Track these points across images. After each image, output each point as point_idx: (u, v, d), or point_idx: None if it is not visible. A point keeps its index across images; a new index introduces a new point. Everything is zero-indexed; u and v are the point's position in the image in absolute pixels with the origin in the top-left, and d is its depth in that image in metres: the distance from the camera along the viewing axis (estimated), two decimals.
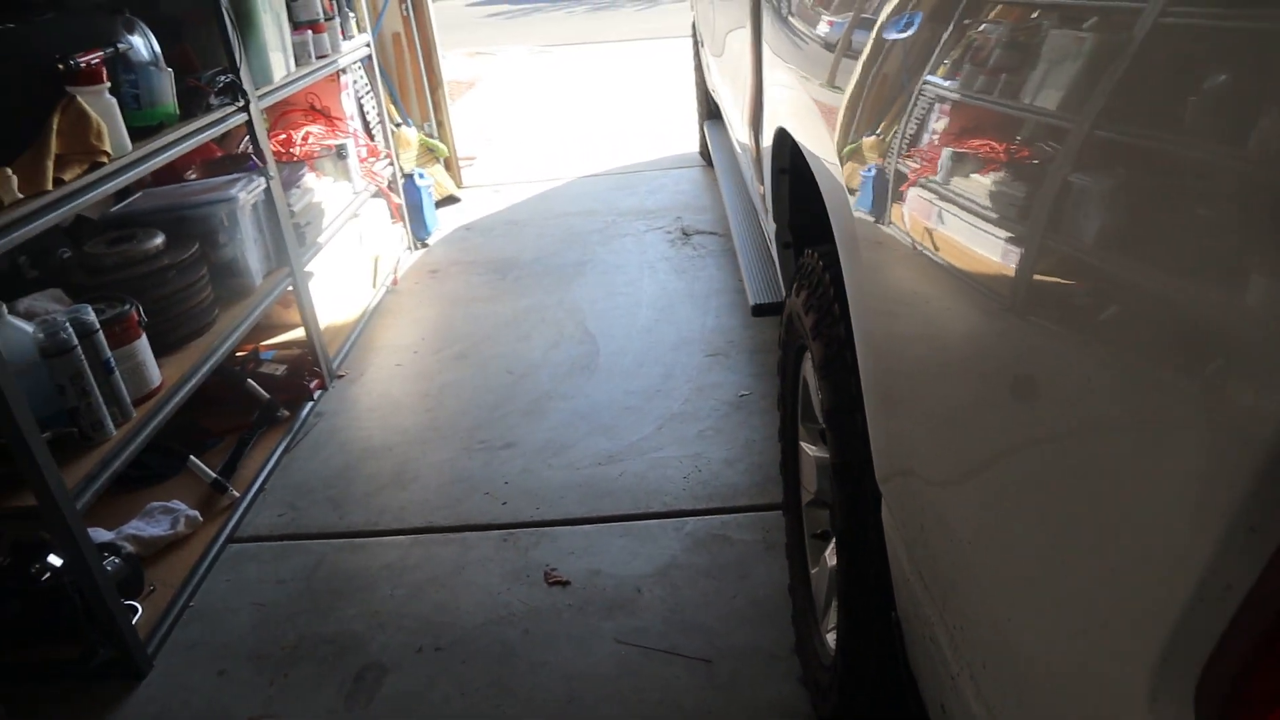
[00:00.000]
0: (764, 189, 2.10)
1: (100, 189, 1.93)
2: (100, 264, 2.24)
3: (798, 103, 1.50)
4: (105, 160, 1.94)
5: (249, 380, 2.78)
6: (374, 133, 3.94)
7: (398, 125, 4.32)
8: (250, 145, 2.71)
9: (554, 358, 3.09)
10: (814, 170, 1.36)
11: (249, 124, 2.61)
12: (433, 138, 4.71)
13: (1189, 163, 0.54)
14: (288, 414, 2.80)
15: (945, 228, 0.85)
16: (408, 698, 1.82)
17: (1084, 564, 0.62)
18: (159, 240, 2.31)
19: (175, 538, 2.24)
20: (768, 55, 1.85)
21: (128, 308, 2.03)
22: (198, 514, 2.31)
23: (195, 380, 2.23)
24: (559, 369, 3.01)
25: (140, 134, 2.14)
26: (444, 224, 4.50)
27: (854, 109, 1.14)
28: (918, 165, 0.93)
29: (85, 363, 1.84)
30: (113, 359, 1.93)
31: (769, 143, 1.85)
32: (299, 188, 3.03)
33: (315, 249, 3.05)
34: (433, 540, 2.26)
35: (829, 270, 1.35)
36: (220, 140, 3.00)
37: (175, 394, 2.14)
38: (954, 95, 0.88)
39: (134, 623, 1.94)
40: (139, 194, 2.70)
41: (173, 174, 2.87)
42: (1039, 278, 0.67)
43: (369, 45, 3.83)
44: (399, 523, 2.34)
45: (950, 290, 0.84)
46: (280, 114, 3.63)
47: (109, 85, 2.02)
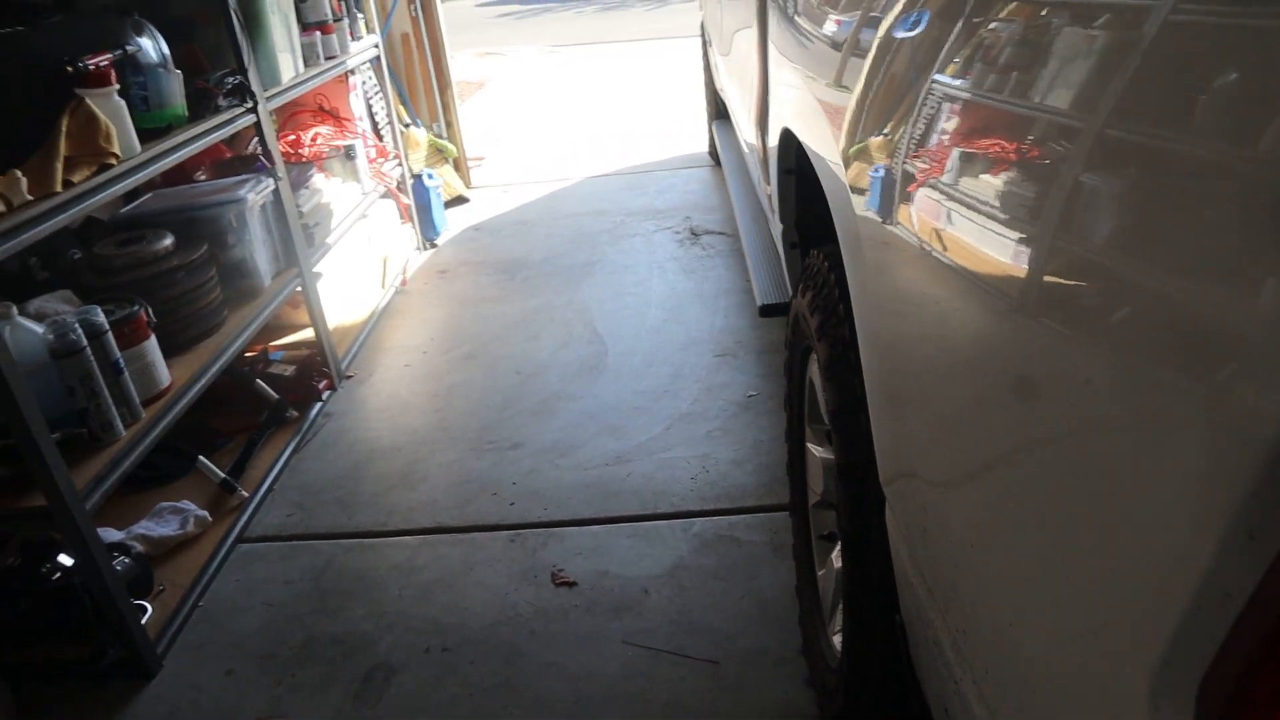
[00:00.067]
0: (770, 189, 2.10)
1: (109, 191, 1.94)
2: (110, 265, 2.25)
3: (801, 102, 1.49)
4: (114, 162, 1.95)
5: (258, 381, 2.79)
6: (383, 133, 3.94)
7: (406, 126, 4.33)
8: (259, 146, 2.72)
9: (562, 358, 3.09)
10: (817, 170, 1.36)
11: (257, 125, 2.62)
12: (442, 138, 4.72)
13: (1201, 163, 0.53)
14: (296, 414, 2.80)
15: (949, 228, 0.85)
16: (415, 698, 1.82)
17: (1085, 568, 0.62)
18: (168, 241, 2.32)
19: (185, 538, 2.25)
20: (773, 54, 1.85)
21: (137, 309, 2.04)
22: (207, 514, 2.32)
23: (204, 381, 2.24)
24: (567, 369, 3.01)
25: (149, 135, 2.15)
26: (453, 224, 4.51)
27: (856, 109, 1.14)
28: (920, 165, 0.92)
29: (95, 364, 1.85)
30: (122, 360, 1.94)
31: (775, 143, 1.84)
32: (308, 188, 3.04)
33: (324, 250, 3.05)
34: (441, 541, 2.26)
35: (834, 271, 1.34)
36: (229, 141, 3.01)
37: (184, 394, 2.15)
38: (958, 94, 0.87)
39: (143, 622, 1.95)
40: (148, 195, 2.71)
41: (182, 175, 2.88)
42: (1043, 279, 0.67)
43: (378, 46, 3.84)
44: (407, 523, 2.34)
45: (954, 291, 0.84)
46: (289, 115, 3.64)
47: (118, 87, 2.04)
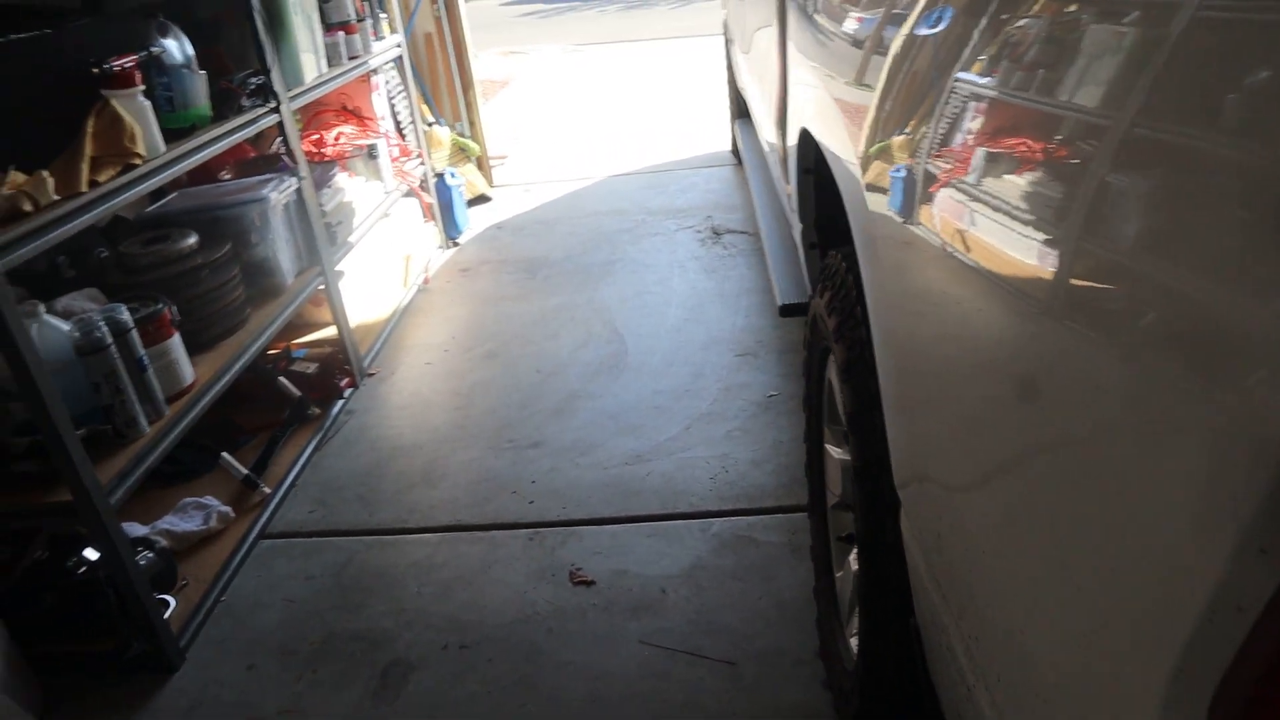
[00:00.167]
0: (790, 189, 2.09)
1: (134, 190, 1.96)
2: (135, 263, 2.27)
3: (818, 102, 1.48)
4: (139, 162, 1.97)
5: (281, 378, 2.81)
6: (405, 132, 3.96)
7: (430, 125, 4.35)
8: (282, 146, 2.75)
9: (583, 357, 3.09)
10: (833, 170, 1.35)
11: (280, 125, 2.64)
12: (464, 137, 4.73)
13: (1232, 163, 0.52)
14: (319, 412, 2.83)
15: (966, 229, 0.84)
16: (433, 695, 1.83)
17: (1097, 576, 0.61)
18: (193, 240, 2.34)
19: (208, 533, 2.28)
20: (792, 53, 1.84)
21: (161, 307, 2.06)
22: (230, 510, 2.35)
23: (227, 378, 2.26)
24: (588, 368, 3.01)
25: (173, 135, 2.18)
26: (475, 223, 4.53)
27: (872, 108, 1.13)
28: (938, 166, 0.91)
29: (119, 361, 1.88)
30: (146, 357, 1.97)
31: (794, 142, 1.83)
32: (330, 187, 3.06)
33: (346, 248, 3.07)
34: (460, 538, 2.27)
35: (852, 272, 1.34)
36: (254, 141, 3.04)
37: (207, 392, 2.17)
38: (979, 93, 0.86)
39: (166, 617, 1.98)
40: (174, 194, 2.74)
41: (207, 174, 2.91)
42: (1062, 282, 0.66)
43: (401, 46, 3.86)
44: (427, 521, 2.35)
45: (970, 294, 0.83)
46: (313, 114, 3.66)
47: (143, 88, 2.06)
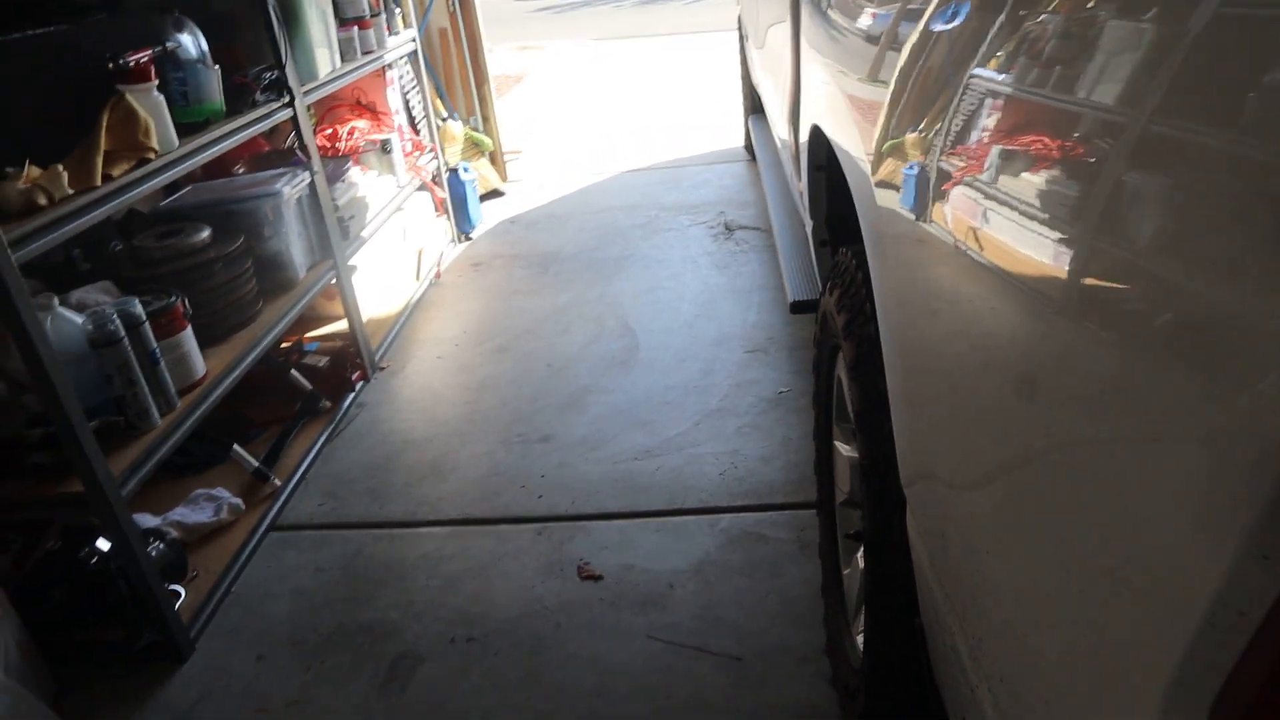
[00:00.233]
0: (802, 185, 2.08)
1: (147, 184, 1.97)
2: (149, 257, 2.29)
3: (830, 98, 1.48)
4: (153, 156, 1.98)
5: (292, 371, 2.82)
6: (419, 127, 3.97)
7: (443, 119, 4.36)
8: (296, 140, 2.76)
9: (594, 352, 3.09)
10: (843, 166, 1.34)
11: (294, 119, 2.65)
12: (478, 132, 4.74)
13: (1253, 163, 0.50)
14: (330, 405, 2.84)
15: (974, 227, 0.83)
16: (440, 687, 1.83)
17: (1100, 580, 0.61)
18: (205, 234, 2.35)
19: (218, 525, 2.29)
20: (805, 50, 1.83)
21: (174, 300, 2.07)
22: (240, 502, 2.36)
23: (239, 371, 2.27)
24: (598, 363, 3.01)
25: (187, 130, 2.19)
26: (488, 217, 4.53)
27: (882, 106, 1.12)
28: (945, 164, 0.91)
29: (132, 353, 1.89)
30: (158, 350, 1.98)
31: (806, 139, 1.83)
32: (343, 182, 3.07)
33: (359, 242, 3.08)
34: (469, 532, 2.28)
35: (861, 269, 1.33)
36: (268, 135, 3.05)
37: (219, 384, 2.18)
38: (993, 90, 0.85)
39: (177, 607, 1.99)
40: (188, 188, 2.75)
41: (221, 168, 2.92)
42: (1072, 281, 0.65)
43: (415, 40, 3.86)
44: (437, 514, 2.36)
45: (978, 292, 0.83)
46: (327, 109, 3.68)
47: (157, 83, 2.07)
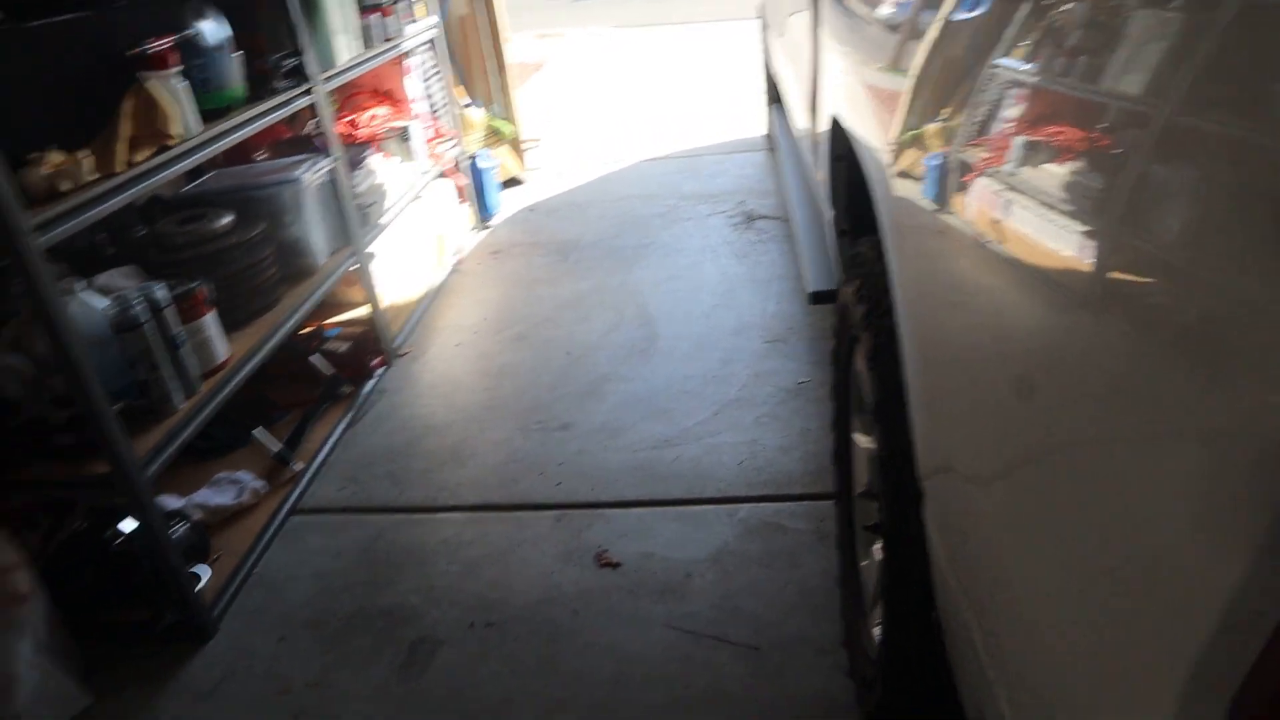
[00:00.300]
0: (821, 175, 2.07)
1: (169, 170, 1.98)
2: (172, 242, 2.31)
3: (848, 89, 1.47)
4: (174, 142, 2.00)
5: (313, 357, 2.84)
6: (439, 114, 3.97)
7: (463, 107, 4.36)
8: (316, 127, 2.77)
9: (613, 340, 3.09)
10: (861, 157, 1.33)
11: (315, 106, 2.66)
12: (498, 119, 4.74)
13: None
14: (350, 390, 2.86)
15: (995, 219, 0.82)
16: (458, 672, 1.85)
17: (1117, 577, 0.60)
18: (227, 220, 2.37)
19: (240, 507, 2.31)
20: (824, 39, 1.82)
21: (196, 285, 2.09)
22: (262, 485, 2.38)
23: (260, 356, 2.29)
24: (617, 351, 3.02)
25: (209, 116, 2.20)
26: (507, 205, 4.54)
27: (900, 96, 1.11)
28: (965, 155, 0.90)
29: (155, 338, 1.91)
30: (181, 334, 2.00)
31: (825, 129, 1.81)
32: (364, 169, 3.08)
33: (379, 229, 3.10)
34: (488, 518, 2.29)
35: (881, 260, 1.32)
36: (289, 122, 3.07)
37: (241, 369, 2.20)
38: (1016, 80, 0.84)
39: (199, 588, 2.02)
40: (210, 174, 2.77)
41: (243, 154, 2.94)
42: (1095, 276, 0.64)
43: (436, 28, 3.86)
44: (456, 500, 2.37)
45: (997, 285, 0.82)
46: (348, 96, 3.69)
47: (179, 69, 2.08)
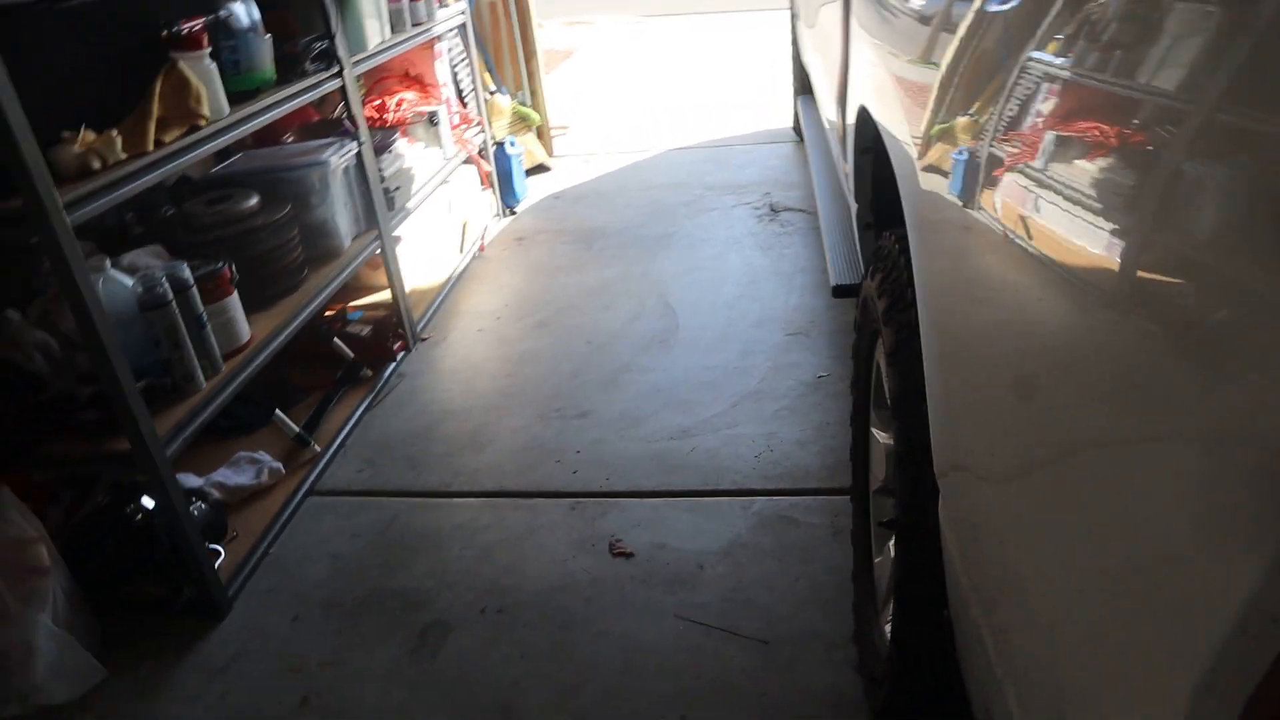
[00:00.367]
0: (848, 168, 2.05)
1: (198, 151, 2.00)
2: (199, 222, 2.33)
3: (877, 80, 1.45)
4: (203, 123, 2.01)
5: (335, 339, 2.86)
6: (467, 100, 3.98)
7: (491, 93, 4.36)
8: (344, 111, 2.78)
9: (634, 330, 3.09)
10: (889, 150, 1.32)
11: (343, 90, 2.67)
12: (526, 106, 4.74)
13: None
14: (371, 373, 2.87)
15: (1022, 216, 0.81)
16: (470, 656, 1.86)
17: (1129, 580, 0.59)
18: (254, 201, 2.39)
19: (259, 487, 2.33)
20: (854, 29, 1.80)
21: (221, 265, 2.11)
22: (281, 465, 2.40)
23: (283, 337, 2.30)
24: (638, 341, 3.01)
25: (238, 98, 2.21)
26: (533, 192, 4.54)
27: (932, 89, 1.10)
28: (994, 150, 0.89)
29: (179, 317, 1.93)
30: (205, 314, 2.01)
31: (853, 120, 1.80)
32: (391, 153, 3.09)
33: (404, 214, 3.11)
34: (504, 504, 2.30)
35: (904, 255, 1.31)
36: (318, 105, 3.08)
37: (263, 349, 2.22)
38: (1052, 74, 0.83)
39: (216, 566, 2.04)
40: (238, 155, 2.79)
41: (272, 136, 2.96)
42: (1122, 276, 0.62)
43: (465, 13, 3.86)
44: (472, 485, 2.38)
45: (1020, 283, 0.81)
46: (376, 80, 3.70)
47: (209, 50, 2.09)
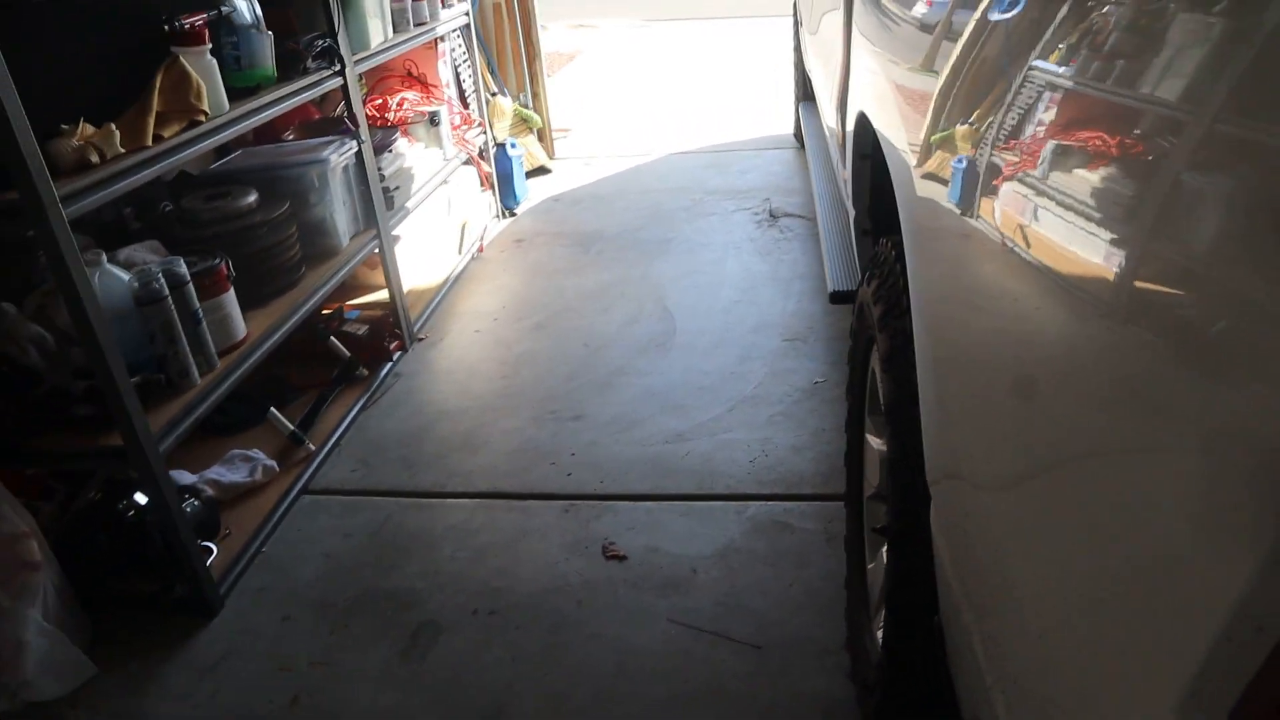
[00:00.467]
0: (846, 173, 2.05)
1: (197, 147, 2.00)
2: (197, 218, 2.33)
3: (877, 87, 1.45)
4: (203, 119, 2.01)
5: (331, 338, 2.86)
6: (468, 101, 3.98)
7: (493, 94, 4.36)
8: (345, 109, 2.78)
9: (631, 333, 3.09)
10: (886, 156, 1.32)
11: (344, 88, 2.67)
12: (527, 108, 4.74)
13: None
14: (367, 373, 2.87)
15: (1020, 224, 0.81)
16: (461, 658, 1.85)
17: (1118, 588, 0.59)
18: (252, 198, 2.38)
19: (253, 485, 2.33)
20: (856, 37, 1.80)
21: (217, 261, 2.10)
22: (275, 464, 2.40)
23: (279, 335, 2.30)
24: (635, 345, 3.01)
25: (238, 94, 2.21)
26: (533, 194, 4.54)
27: (930, 96, 1.10)
28: (991, 158, 0.89)
29: (175, 312, 1.92)
30: (201, 310, 2.01)
31: (852, 127, 1.80)
32: (391, 152, 3.09)
33: (403, 213, 3.10)
34: (497, 506, 2.29)
35: (900, 261, 1.31)
36: (319, 103, 3.08)
37: (259, 347, 2.21)
38: (1051, 83, 0.83)
39: (208, 564, 2.03)
40: (238, 152, 2.79)
41: (272, 134, 2.96)
42: (1117, 286, 0.61)
43: (468, 14, 3.87)
44: (466, 486, 2.38)
45: (1014, 290, 0.81)
46: (378, 79, 3.70)
47: (211, 46, 2.09)
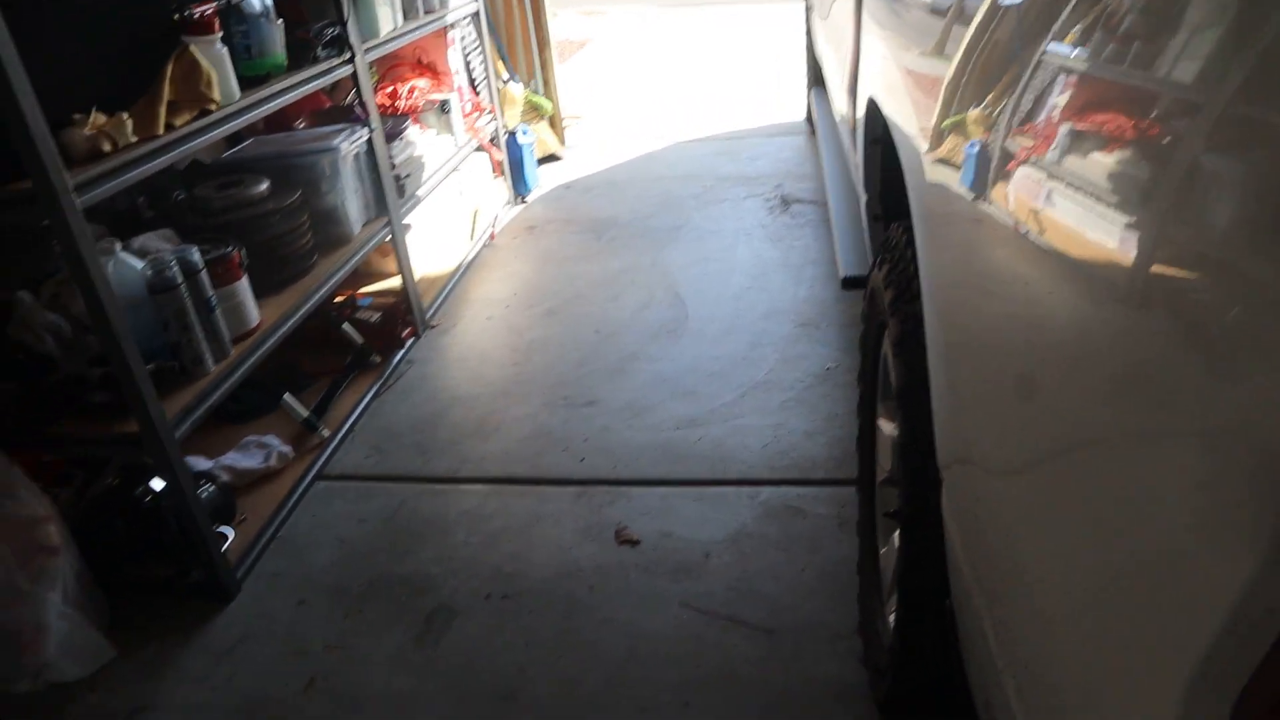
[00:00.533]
0: (857, 158, 2.04)
1: (208, 135, 2.00)
2: (209, 206, 2.34)
3: (887, 72, 1.44)
4: (214, 107, 2.01)
5: (344, 325, 2.87)
6: (479, 88, 3.97)
7: (504, 82, 4.35)
8: (356, 97, 2.78)
9: (643, 320, 3.09)
10: (896, 141, 1.31)
11: (355, 76, 2.67)
12: (538, 95, 4.73)
13: None
14: (380, 360, 2.88)
15: (1032, 209, 0.80)
16: (474, 642, 1.86)
17: (1127, 573, 0.59)
18: (264, 186, 2.39)
19: (267, 471, 2.35)
20: (866, 21, 1.79)
21: (230, 249, 2.11)
22: (290, 450, 2.41)
23: (292, 322, 2.31)
24: (647, 331, 3.01)
25: (249, 83, 2.21)
26: (544, 181, 4.54)
27: (940, 81, 1.09)
28: (1001, 143, 0.88)
29: (188, 300, 1.93)
30: (214, 298, 2.02)
31: (862, 112, 1.79)
32: (402, 140, 3.09)
33: (415, 201, 3.11)
34: (510, 491, 2.31)
35: (911, 246, 1.30)
36: (330, 91, 3.08)
37: (272, 334, 2.22)
38: (1060, 67, 0.82)
39: (224, 549, 2.05)
40: (250, 140, 2.80)
41: (283, 122, 2.96)
42: (1132, 270, 0.61)
43: (478, 1, 3.85)
44: (479, 472, 2.39)
45: (1024, 274, 0.80)
46: (388, 67, 3.70)
47: (221, 35, 2.09)
